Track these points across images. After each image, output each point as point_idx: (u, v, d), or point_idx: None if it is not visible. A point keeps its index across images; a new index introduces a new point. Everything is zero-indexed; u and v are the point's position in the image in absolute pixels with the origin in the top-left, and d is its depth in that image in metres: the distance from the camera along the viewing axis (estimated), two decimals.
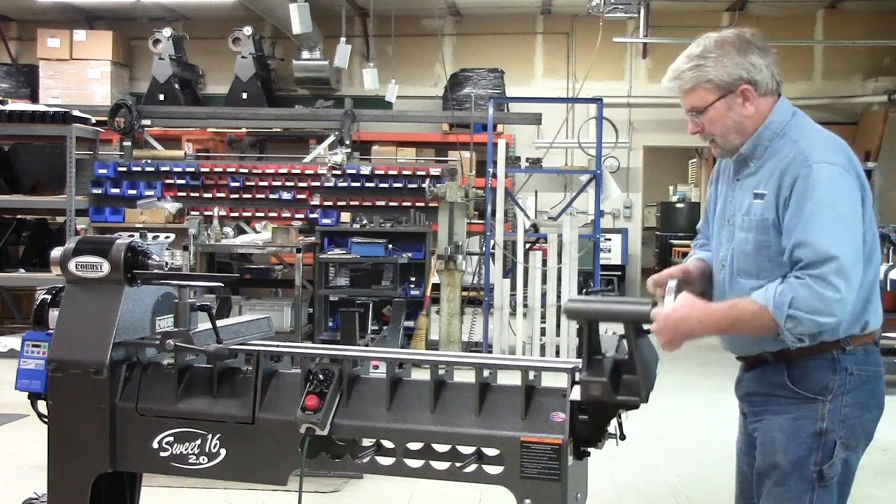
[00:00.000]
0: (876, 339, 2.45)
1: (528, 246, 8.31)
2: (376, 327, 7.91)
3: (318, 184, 9.47)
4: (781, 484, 2.41)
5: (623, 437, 2.36)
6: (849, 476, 2.44)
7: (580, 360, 2.38)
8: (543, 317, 8.00)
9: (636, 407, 2.29)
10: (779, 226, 2.35)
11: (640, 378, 2.26)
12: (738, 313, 2.32)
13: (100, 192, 9.46)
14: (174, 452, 2.58)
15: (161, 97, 12.56)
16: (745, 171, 2.49)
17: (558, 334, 7.95)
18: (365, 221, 9.03)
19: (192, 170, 9.66)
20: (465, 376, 2.50)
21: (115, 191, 9.50)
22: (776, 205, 2.36)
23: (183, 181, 9.58)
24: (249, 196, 9.60)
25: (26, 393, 2.70)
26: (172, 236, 8.61)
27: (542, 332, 8.00)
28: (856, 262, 2.29)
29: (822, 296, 2.23)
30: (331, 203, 9.48)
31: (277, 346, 2.68)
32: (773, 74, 2.45)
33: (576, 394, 2.31)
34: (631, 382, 2.27)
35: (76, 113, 9.17)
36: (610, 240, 13.76)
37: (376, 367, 2.76)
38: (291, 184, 9.56)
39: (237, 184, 9.55)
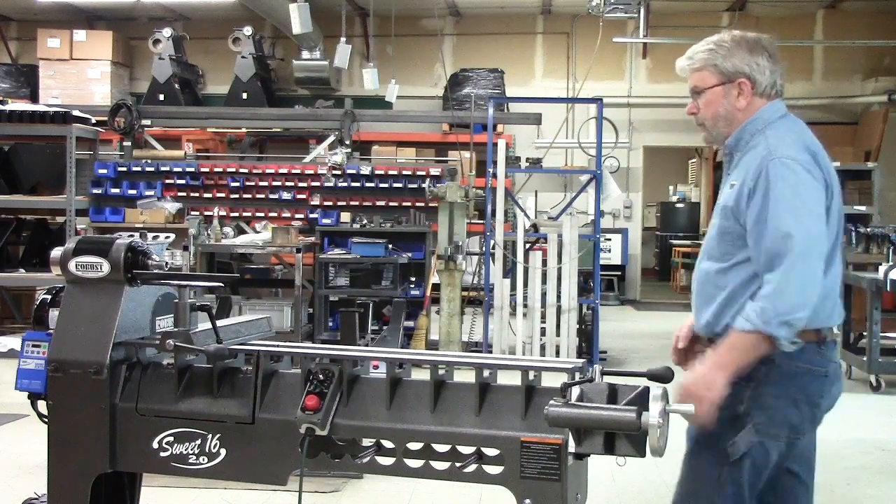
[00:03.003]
0: (819, 339, 2.52)
1: (528, 246, 8.30)
2: (376, 327, 7.90)
3: (318, 184, 9.47)
4: (694, 457, 2.57)
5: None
6: (766, 461, 2.50)
7: (580, 361, 2.39)
8: (543, 317, 8.00)
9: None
10: (738, 213, 2.49)
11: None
12: (739, 347, 2.40)
13: (100, 192, 9.46)
14: (174, 452, 2.58)
15: (161, 97, 12.56)
16: (731, 165, 2.64)
17: (558, 334, 7.95)
18: (365, 221, 9.03)
19: (192, 170, 9.66)
20: (465, 376, 2.50)
21: (115, 191, 9.50)
22: (739, 194, 2.49)
23: (183, 181, 9.58)
24: (249, 196, 9.60)
25: (26, 393, 2.70)
26: (172, 236, 8.61)
27: (542, 332, 8.00)
28: (816, 243, 2.40)
29: (792, 284, 2.35)
30: (331, 203, 9.47)
31: (277, 346, 2.68)
32: (776, 82, 2.66)
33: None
34: (624, 445, 2.27)
35: (76, 113, 9.17)
36: (610, 240, 13.76)
37: (376, 367, 2.76)
38: (291, 184, 9.56)
39: (237, 184, 9.55)
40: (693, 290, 2.68)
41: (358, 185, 9.47)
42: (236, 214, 9.56)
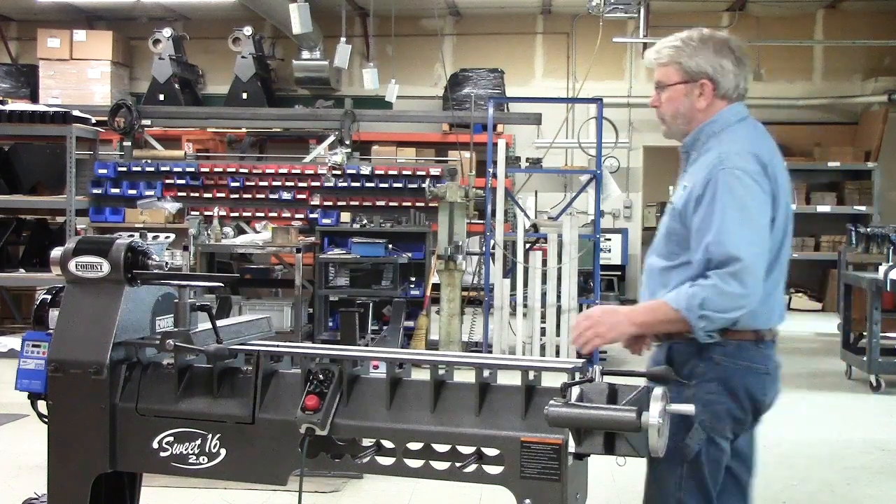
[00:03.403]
0: (758, 338, 2.58)
1: (528, 246, 8.30)
2: (376, 327, 7.91)
3: (318, 184, 9.47)
4: (655, 461, 2.57)
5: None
6: (719, 453, 2.56)
7: (580, 361, 2.39)
8: (543, 317, 8.00)
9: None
10: (685, 217, 2.55)
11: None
12: (660, 315, 2.51)
13: (100, 192, 9.46)
14: (174, 452, 2.58)
15: (161, 97, 12.56)
16: (687, 163, 2.70)
17: (558, 334, 7.95)
18: (365, 221, 9.03)
19: (192, 170, 9.66)
20: (465, 376, 2.50)
21: (115, 191, 9.50)
22: (688, 198, 2.55)
23: (183, 181, 9.58)
24: (249, 196, 9.60)
25: (26, 393, 2.70)
26: (172, 236, 8.61)
27: (542, 332, 8.00)
28: (759, 260, 2.46)
29: (729, 293, 2.42)
30: (331, 203, 9.47)
31: (277, 346, 2.68)
32: (738, 85, 2.64)
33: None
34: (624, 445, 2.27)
35: (76, 113, 9.17)
36: (610, 240, 13.75)
37: (376, 367, 2.76)
38: (291, 184, 9.56)
39: (237, 184, 9.55)
40: (642, 283, 2.75)
41: (358, 185, 9.47)
42: (236, 214, 9.56)
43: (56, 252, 2.71)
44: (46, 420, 2.66)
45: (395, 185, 9.42)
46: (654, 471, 2.63)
